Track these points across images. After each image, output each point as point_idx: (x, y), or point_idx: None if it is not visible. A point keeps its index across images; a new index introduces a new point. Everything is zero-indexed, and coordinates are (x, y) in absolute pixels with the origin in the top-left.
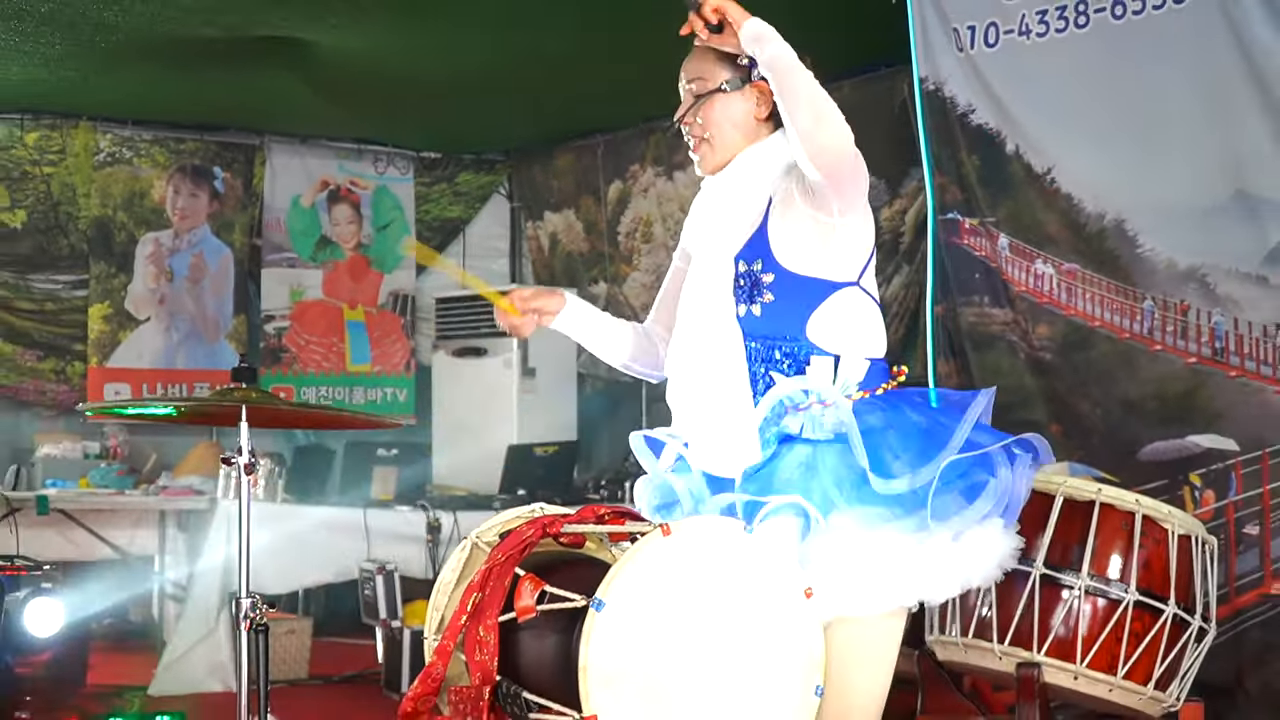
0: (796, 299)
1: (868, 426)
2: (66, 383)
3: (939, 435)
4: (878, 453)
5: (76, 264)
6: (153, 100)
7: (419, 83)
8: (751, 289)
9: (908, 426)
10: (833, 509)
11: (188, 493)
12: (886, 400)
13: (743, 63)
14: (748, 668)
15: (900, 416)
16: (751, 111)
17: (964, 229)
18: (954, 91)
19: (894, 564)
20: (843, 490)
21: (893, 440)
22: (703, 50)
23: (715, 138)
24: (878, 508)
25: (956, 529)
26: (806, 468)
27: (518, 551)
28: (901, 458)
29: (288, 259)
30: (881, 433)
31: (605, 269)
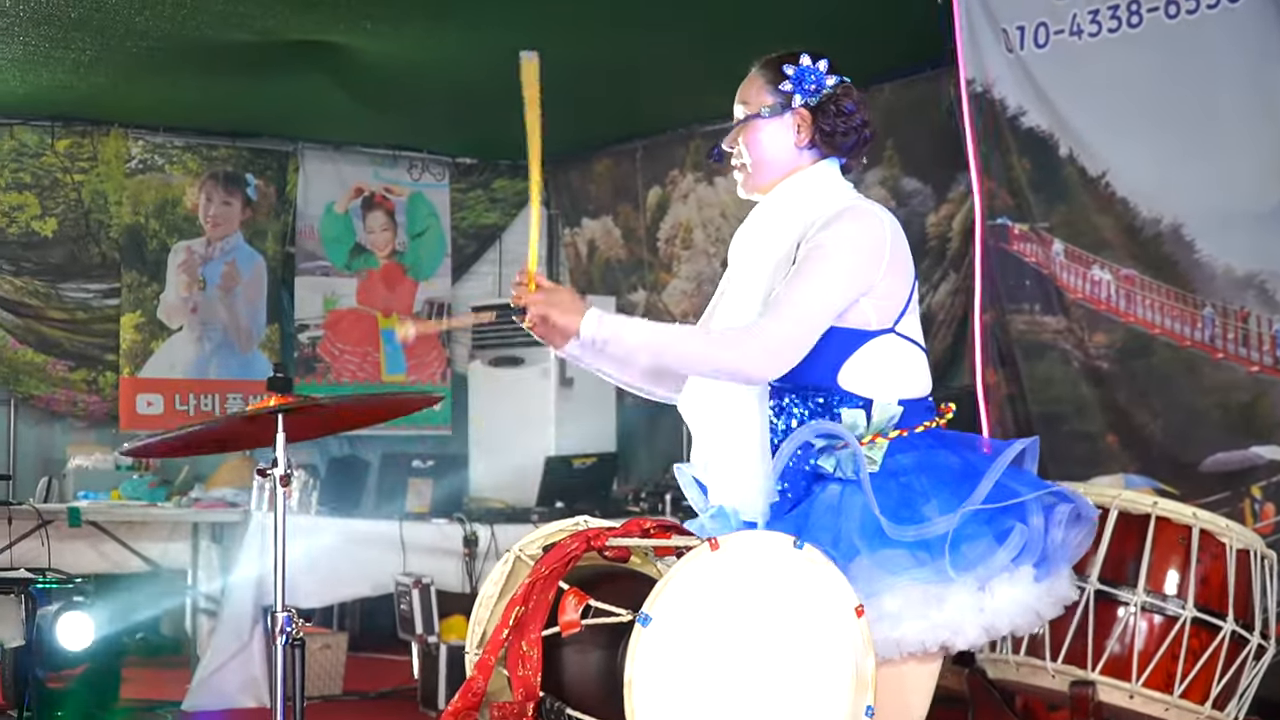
0: (826, 350)
1: (898, 467)
2: (98, 393)
3: (972, 480)
4: (906, 495)
5: (108, 273)
6: (184, 106)
7: (455, 87)
8: None
9: (940, 469)
10: (856, 553)
11: (221, 505)
12: (926, 440)
13: (784, 88)
14: (797, 686)
15: (934, 458)
16: (790, 139)
17: (1014, 234)
18: (1003, 93)
19: (913, 611)
20: (865, 534)
21: (923, 482)
22: (754, 76)
23: (751, 165)
24: (899, 552)
25: (981, 577)
26: (835, 509)
27: (562, 565)
28: (932, 501)
29: (321, 267)
30: (913, 474)
31: (644, 276)
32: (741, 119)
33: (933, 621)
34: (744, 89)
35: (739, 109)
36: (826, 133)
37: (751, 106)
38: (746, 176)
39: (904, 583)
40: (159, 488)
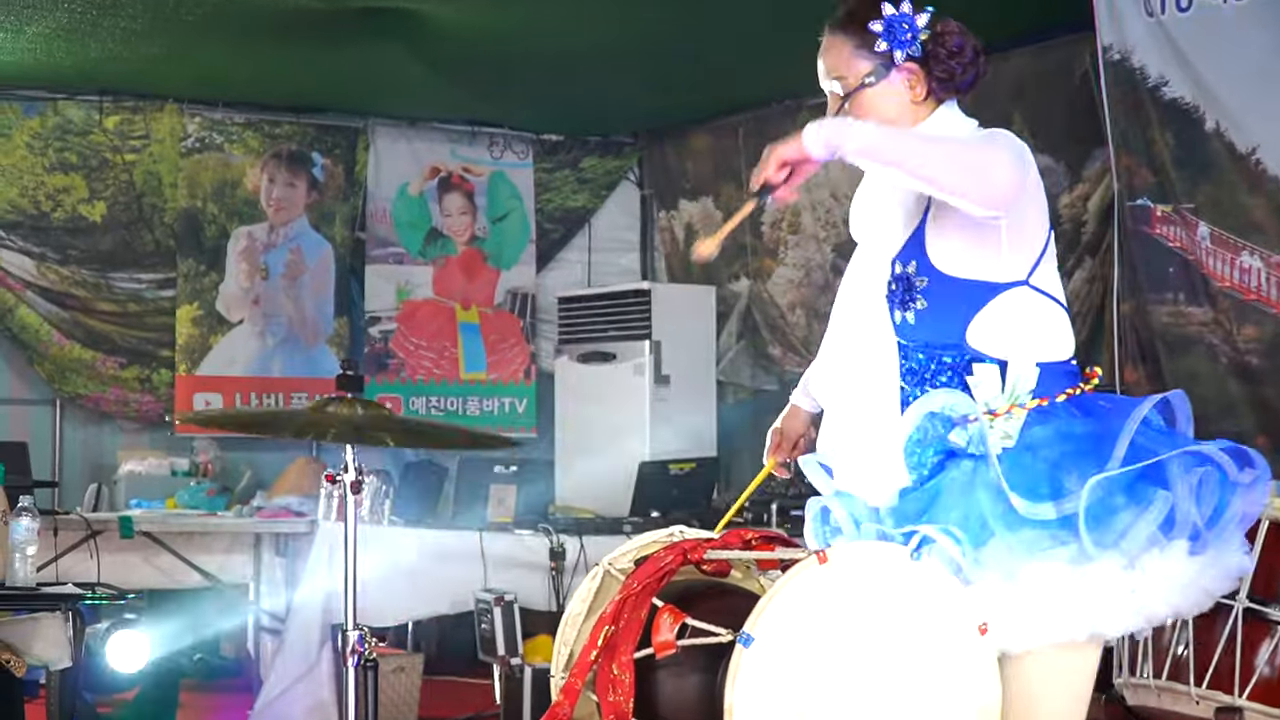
0: (953, 304)
1: (1034, 440)
2: (152, 392)
3: (1107, 444)
4: (1045, 470)
5: (162, 261)
6: (244, 79)
7: (540, 57)
8: (905, 294)
9: (1079, 438)
10: (989, 535)
11: (285, 514)
12: (1066, 408)
13: (880, 49)
14: (913, 713)
15: (1070, 425)
16: (905, 97)
17: (1155, 217)
18: (1143, 61)
19: (1055, 596)
20: (998, 513)
21: (1061, 454)
22: (835, 42)
23: None
24: (1036, 532)
25: (1128, 553)
26: (966, 488)
27: (655, 580)
28: (1073, 473)
29: (394, 254)
30: (1050, 445)
31: (748, 264)
32: (850, 92)
33: (1076, 606)
34: (829, 61)
35: (833, 85)
36: (944, 79)
37: (849, 79)
38: None
39: (1042, 564)
40: (218, 496)
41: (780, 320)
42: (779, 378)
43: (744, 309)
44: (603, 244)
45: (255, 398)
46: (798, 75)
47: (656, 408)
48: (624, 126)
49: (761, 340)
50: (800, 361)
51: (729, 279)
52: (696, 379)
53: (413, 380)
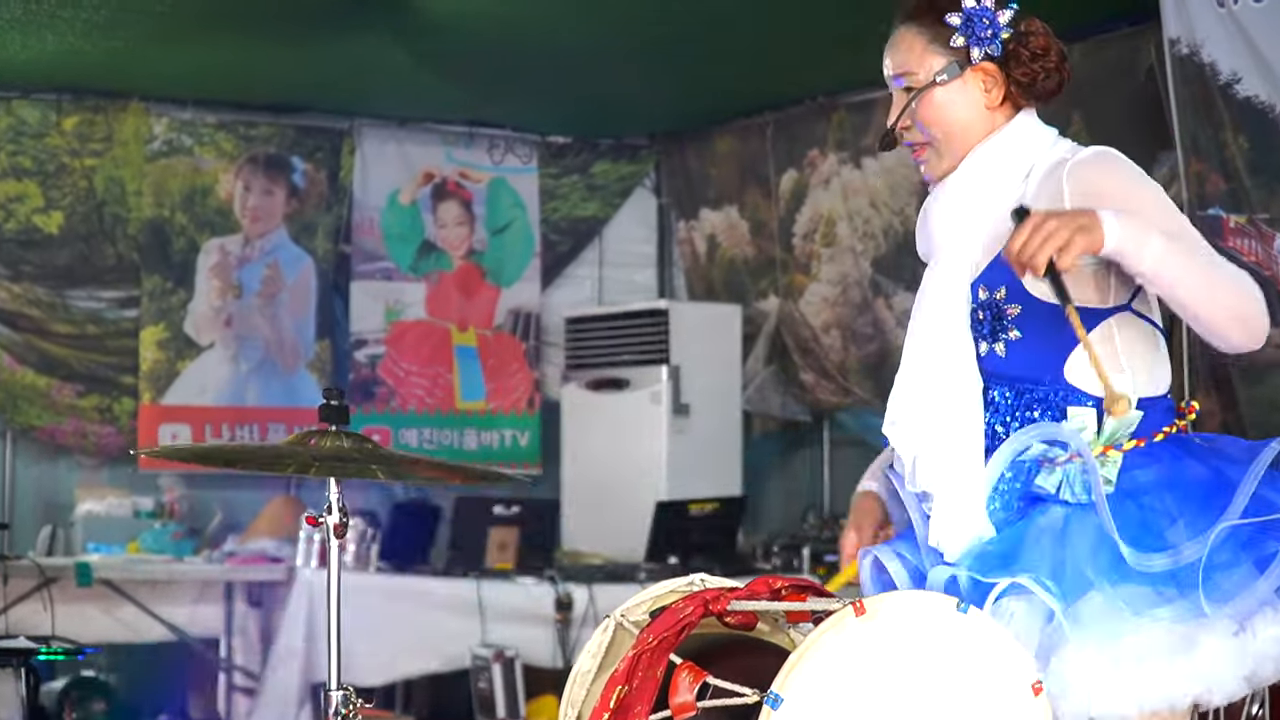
0: (1050, 334)
1: (1138, 485)
2: (113, 424)
3: (1224, 494)
4: (1147, 519)
5: (125, 277)
6: (217, 75)
7: (545, 50)
8: (994, 323)
9: (1189, 484)
10: (1087, 588)
11: (261, 560)
12: (1168, 449)
13: (957, 43)
14: None
15: (1181, 471)
16: (980, 101)
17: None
18: (1214, 56)
19: (1161, 658)
20: (1100, 565)
21: (1168, 502)
22: (906, 35)
23: (941, 141)
24: (1143, 588)
25: (1241, 614)
26: (1058, 536)
27: (673, 634)
28: (1179, 523)
29: (382, 270)
30: (1156, 492)
31: (777, 280)
32: (918, 90)
33: (1183, 671)
34: (900, 55)
35: (900, 80)
36: (1024, 83)
37: (919, 75)
38: (935, 157)
39: (1147, 624)
40: (185, 539)
41: (813, 343)
42: (811, 407)
43: (773, 330)
44: (615, 258)
45: (228, 429)
46: (831, 69)
47: (675, 441)
48: (639, 127)
49: (792, 365)
50: (835, 389)
51: (756, 296)
52: (719, 409)
53: (403, 410)
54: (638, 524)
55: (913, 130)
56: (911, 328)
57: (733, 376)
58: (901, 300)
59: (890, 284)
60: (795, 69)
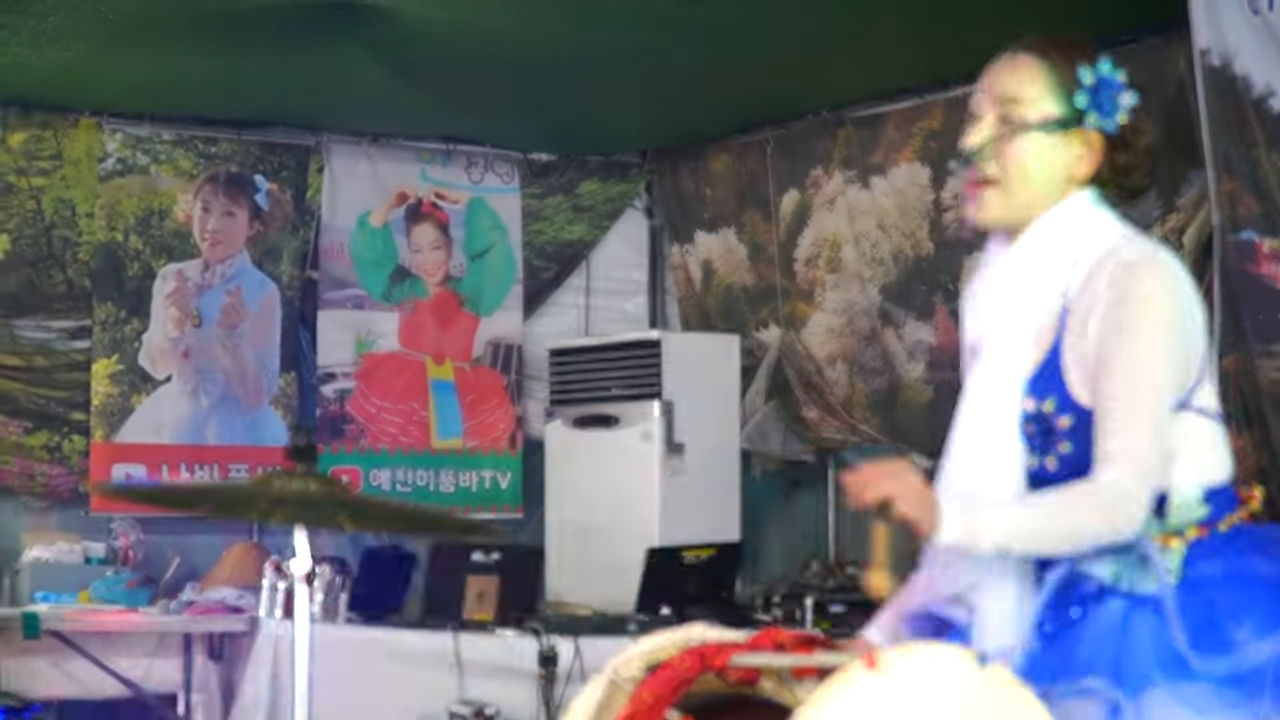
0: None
1: (1199, 579)
2: (62, 463)
3: None
4: (1211, 616)
5: (75, 306)
6: (176, 89)
7: (528, 61)
8: (1044, 438)
9: (1255, 580)
10: (1148, 686)
11: (221, 610)
12: (1233, 542)
13: (1080, 103)
14: None
15: (1247, 566)
16: (1070, 167)
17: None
18: (1247, 68)
19: None
20: (1164, 663)
21: (1234, 599)
22: (1027, 64)
23: (1014, 187)
24: (1207, 688)
25: None
26: (1118, 632)
27: (670, 690)
28: (1245, 622)
29: (353, 298)
30: (1221, 588)
31: (778, 308)
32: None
33: None
34: (1014, 80)
35: (1005, 108)
36: (1122, 169)
37: (1027, 109)
38: (995, 200)
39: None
40: (140, 588)
41: (817, 376)
42: (815, 446)
43: (774, 363)
44: (603, 285)
45: (186, 469)
46: (836, 81)
47: (668, 482)
48: (629, 144)
49: (795, 401)
50: (841, 426)
51: (755, 326)
52: (716, 447)
53: (374, 450)
54: (628, 572)
55: (991, 162)
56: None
57: (730, 413)
58: (912, 330)
59: (900, 313)
60: (797, 81)
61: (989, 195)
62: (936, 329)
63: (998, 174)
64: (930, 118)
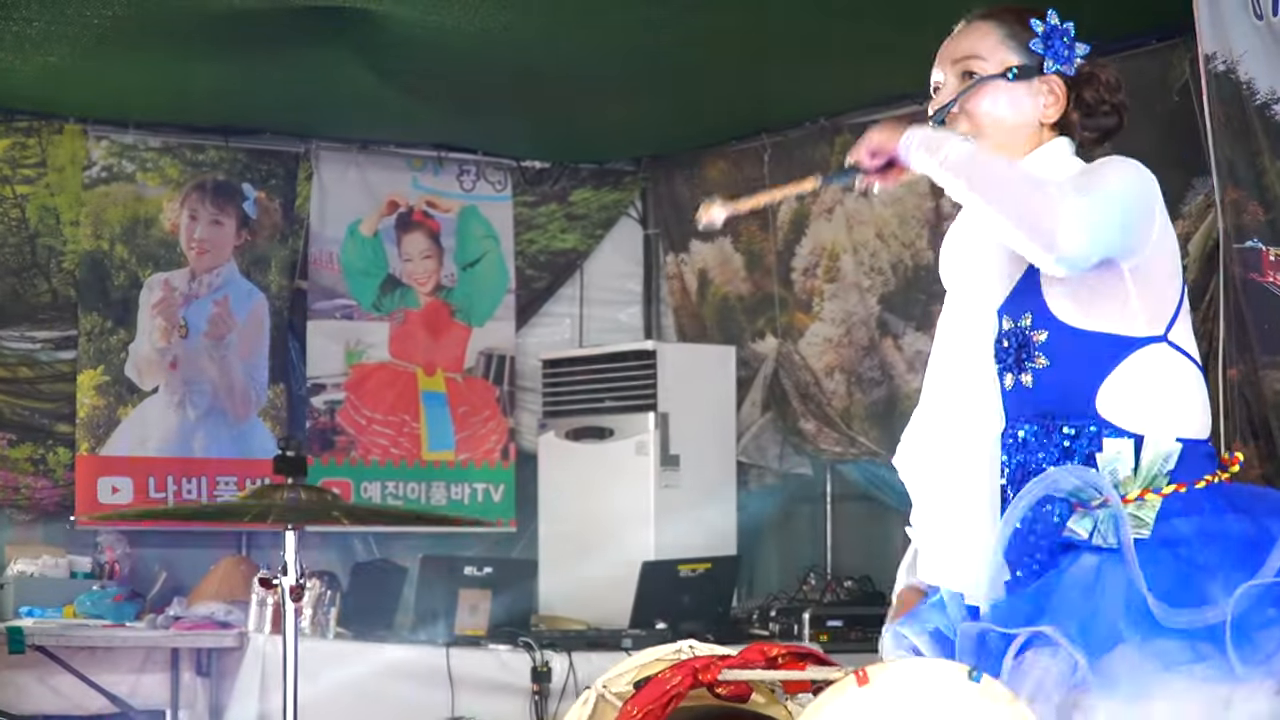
0: (1081, 363)
1: (1175, 535)
2: (47, 476)
3: (1264, 548)
4: (1185, 571)
5: (60, 316)
6: (162, 95)
7: (522, 67)
8: (1019, 352)
9: (1230, 538)
10: (1118, 641)
11: (209, 625)
12: (1209, 499)
13: (1035, 48)
14: None
15: (1219, 522)
16: (1038, 112)
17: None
18: (1251, 74)
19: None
20: (1134, 618)
21: (1208, 556)
22: (979, 27)
23: (987, 137)
24: (1173, 643)
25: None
26: (1089, 587)
27: (660, 706)
28: (1217, 577)
29: (342, 308)
30: (1194, 544)
31: (775, 319)
32: (980, 78)
33: None
34: (969, 41)
35: (965, 65)
36: (1088, 108)
37: (989, 63)
38: None
39: (1179, 681)
40: (127, 602)
41: (815, 388)
42: (813, 458)
43: (770, 374)
44: (597, 295)
45: (173, 482)
46: (834, 88)
47: (663, 495)
48: (624, 151)
49: (792, 412)
50: (839, 439)
51: (752, 337)
52: (712, 460)
53: (364, 462)
54: (622, 586)
55: (960, 119)
56: (933, 357)
57: (726, 425)
58: (911, 341)
59: (899, 323)
60: (794, 88)
61: None
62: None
63: (970, 129)
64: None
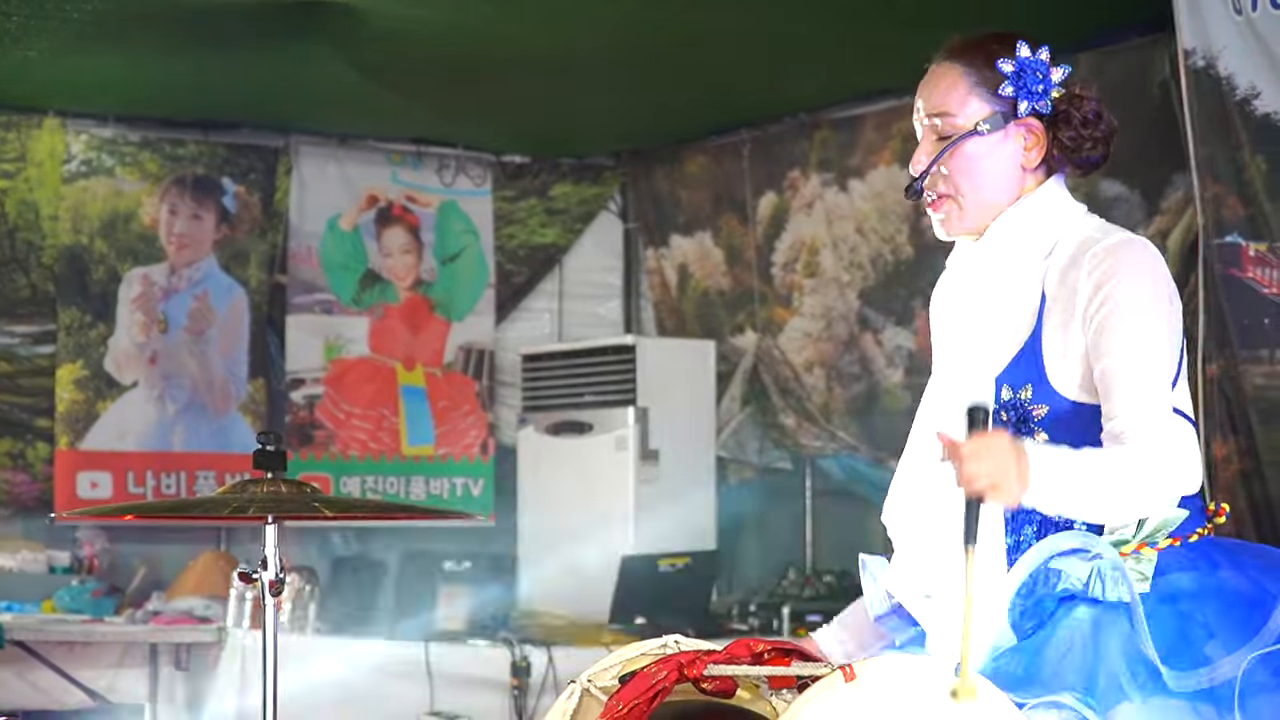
0: (1079, 436)
1: (1174, 590)
2: (26, 470)
3: (1262, 609)
4: (1184, 628)
5: (39, 310)
6: (142, 89)
7: (501, 62)
8: (1019, 426)
9: (1228, 595)
10: (1120, 699)
11: (188, 620)
12: (1205, 553)
13: (1005, 92)
14: None
15: (1217, 579)
16: (1018, 159)
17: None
18: (1231, 69)
19: None
20: (1136, 675)
21: (1206, 613)
22: (947, 72)
23: (967, 196)
24: (1179, 702)
25: None
26: (1088, 642)
27: (645, 701)
28: (1217, 636)
29: (322, 302)
30: (1194, 600)
31: (754, 313)
32: (954, 136)
33: None
34: (937, 91)
35: (936, 123)
36: (1069, 147)
37: (960, 118)
38: (955, 212)
39: None
40: (106, 597)
41: (794, 383)
42: (792, 453)
43: (750, 369)
44: (577, 289)
45: (152, 477)
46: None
47: (642, 490)
48: (603, 146)
49: (771, 407)
50: (818, 434)
51: (732, 332)
52: (691, 455)
53: (344, 457)
54: (601, 581)
55: (938, 180)
56: (926, 422)
57: (706, 419)
58: (891, 336)
59: (879, 318)
60: (774, 82)
61: (948, 210)
62: (916, 334)
63: (949, 189)
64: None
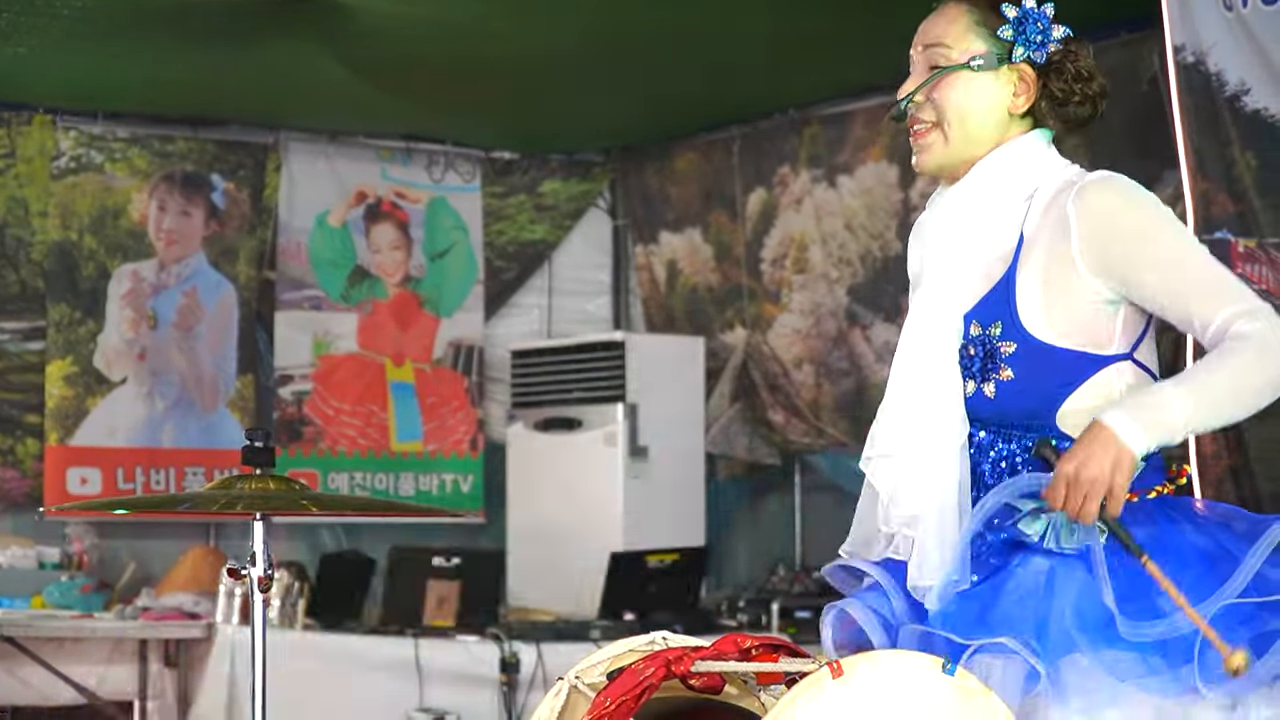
0: (1047, 378)
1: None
2: (16, 467)
3: (1223, 566)
4: (1136, 581)
5: (29, 307)
6: (131, 86)
7: (491, 58)
8: (985, 362)
9: (1185, 549)
10: (1071, 649)
11: (177, 616)
12: (1160, 510)
13: (1004, 35)
14: None
15: (1177, 534)
16: (1006, 102)
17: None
18: (1220, 65)
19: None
20: (1087, 626)
21: (1165, 566)
22: (951, 10)
23: (952, 128)
24: (1131, 654)
25: (1234, 694)
26: (1042, 591)
27: (633, 698)
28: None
29: (311, 298)
30: (1151, 554)
31: (744, 310)
32: (946, 66)
33: None
34: (939, 26)
35: (932, 53)
36: (1058, 100)
37: (956, 52)
38: (939, 142)
39: (1133, 693)
40: (95, 593)
41: (783, 379)
42: (781, 449)
43: (739, 365)
44: (566, 286)
45: (141, 473)
46: (803, 79)
47: (631, 486)
48: (593, 142)
49: (760, 403)
50: (807, 430)
51: (721, 328)
52: (680, 451)
53: (333, 453)
54: (590, 577)
55: (925, 107)
56: (897, 357)
57: (695, 416)
58: (880, 332)
59: (868, 314)
60: (763, 78)
61: (929, 139)
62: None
63: (934, 117)
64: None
